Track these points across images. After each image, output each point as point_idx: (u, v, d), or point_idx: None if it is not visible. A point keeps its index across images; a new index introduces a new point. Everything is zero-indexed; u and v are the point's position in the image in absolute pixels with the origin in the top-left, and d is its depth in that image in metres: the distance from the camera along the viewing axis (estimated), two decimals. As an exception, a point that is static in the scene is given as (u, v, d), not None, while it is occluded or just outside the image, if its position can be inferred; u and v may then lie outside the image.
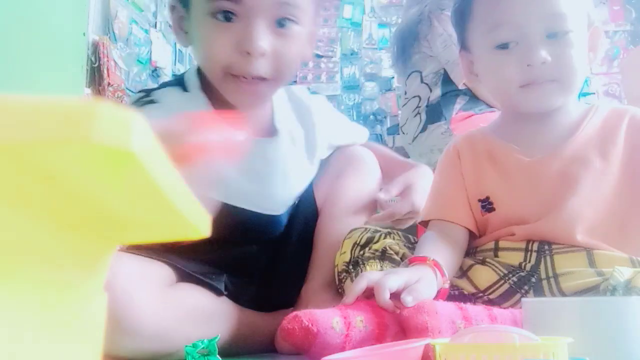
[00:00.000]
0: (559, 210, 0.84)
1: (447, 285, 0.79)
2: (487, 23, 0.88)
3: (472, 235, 0.93)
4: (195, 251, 0.82)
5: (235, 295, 0.93)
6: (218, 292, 0.88)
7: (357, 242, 0.90)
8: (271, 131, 1.01)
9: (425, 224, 0.96)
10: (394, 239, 0.91)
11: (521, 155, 0.90)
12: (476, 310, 0.71)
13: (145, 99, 0.93)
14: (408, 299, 0.68)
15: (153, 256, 0.83)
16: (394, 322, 0.69)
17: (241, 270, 0.97)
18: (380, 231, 0.92)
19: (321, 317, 0.66)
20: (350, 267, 0.88)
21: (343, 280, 0.88)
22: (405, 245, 0.91)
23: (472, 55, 0.94)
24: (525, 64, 0.84)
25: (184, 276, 0.86)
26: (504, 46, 0.86)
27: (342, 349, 0.64)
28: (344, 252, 0.90)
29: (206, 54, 0.90)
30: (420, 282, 0.73)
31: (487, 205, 0.91)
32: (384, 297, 0.69)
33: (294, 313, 0.67)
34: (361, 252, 0.88)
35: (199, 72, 0.96)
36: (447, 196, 0.94)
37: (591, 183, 0.85)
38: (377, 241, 0.89)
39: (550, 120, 0.90)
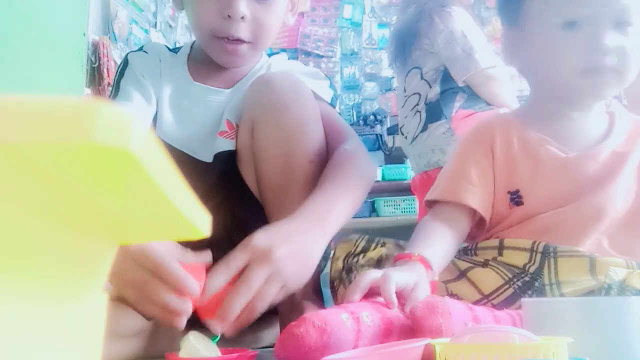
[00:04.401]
0: (583, 205, 0.83)
1: (436, 278, 0.78)
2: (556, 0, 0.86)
3: (474, 230, 0.91)
4: None
5: None
6: (145, 315, 0.84)
7: (352, 251, 0.87)
8: (231, 85, 1.06)
9: (430, 203, 0.92)
10: (388, 248, 0.88)
11: (556, 150, 0.88)
12: (483, 311, 0.70)
13: (140, 49, 1.12)
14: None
15: None
16: (397, 318, 0.68)
17: None
18: (375, 240, 0.89)
19: (329, 315, 0.62)
20: (344, 273, 0.85)
21: (336, 288, 0.85)
22: None
23: (523, 33, 0.91)
24: (592, 48, 0.82)
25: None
26: (571, 25, 0.84)
27: (355, 348, 0.61)
28: (337, 259, 0.87)
29: (195, 18, 1.02)
30: (417, 289, 0.72)
31: (516, 198, 0.88)
32: (390, 289, 0.68)
33: (301, 317, 0.62)
34: (355, 260, 0.85)
35: (192, 45, 1.12)
36: (473, 180, 0.90)
37: (621, 187, 0.85)
38: (374, 249, 0.87)
39: (583, 119, 0.90)
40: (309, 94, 0.95)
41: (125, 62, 1.08)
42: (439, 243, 0.83)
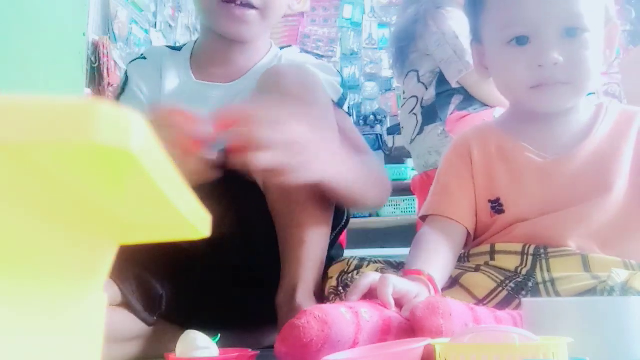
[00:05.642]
0: (567, 211, 0.83)
1: None
2: (501, 17, 0.86)
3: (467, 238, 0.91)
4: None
5: (174, 314, 0.91)
6: (147, 321, 0.87)
7: (346, 269, 0.85)
8: (234, 79, 1.05)
9: (424, 218, 0.94)
10: (382, 265, 0.87)
11: (534, 156, 0.88)
12: (483, 312, 0.70)
13: (140, 56, 1.13)
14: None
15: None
16: (395, 317, 0.68)
17: (179, 269, 0.93)
18: (367, 259, 0.88)
19: (329, 308, 0.62)
20: (340, 289, 0.83)
21: (332, 302, 0.83)
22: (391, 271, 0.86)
23: (483, 48, 0.92)
24: (536, 64, 0.82)
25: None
26: (516, 42, 0.84)
27: (355, 344, 0.61)
28: (331, 278, 0.86)
29: None
30: (419, 298, 0.71)
31: (497, 206, 0.89)
32: (387, 291, 0.68)
33: (301, 311, 0.62)
34: (349, 276, 0.84)
35: (196, 42, 1.13)
36: (453, 193, 0.92)
37: (607, 190, 0.84)
38: (367, 266, 0.85)
39: (562, 120, 0.89)
40: (320, 86, 0.93)
41: (126, 77, 1.08)
42: (438, 259, 0.83)
